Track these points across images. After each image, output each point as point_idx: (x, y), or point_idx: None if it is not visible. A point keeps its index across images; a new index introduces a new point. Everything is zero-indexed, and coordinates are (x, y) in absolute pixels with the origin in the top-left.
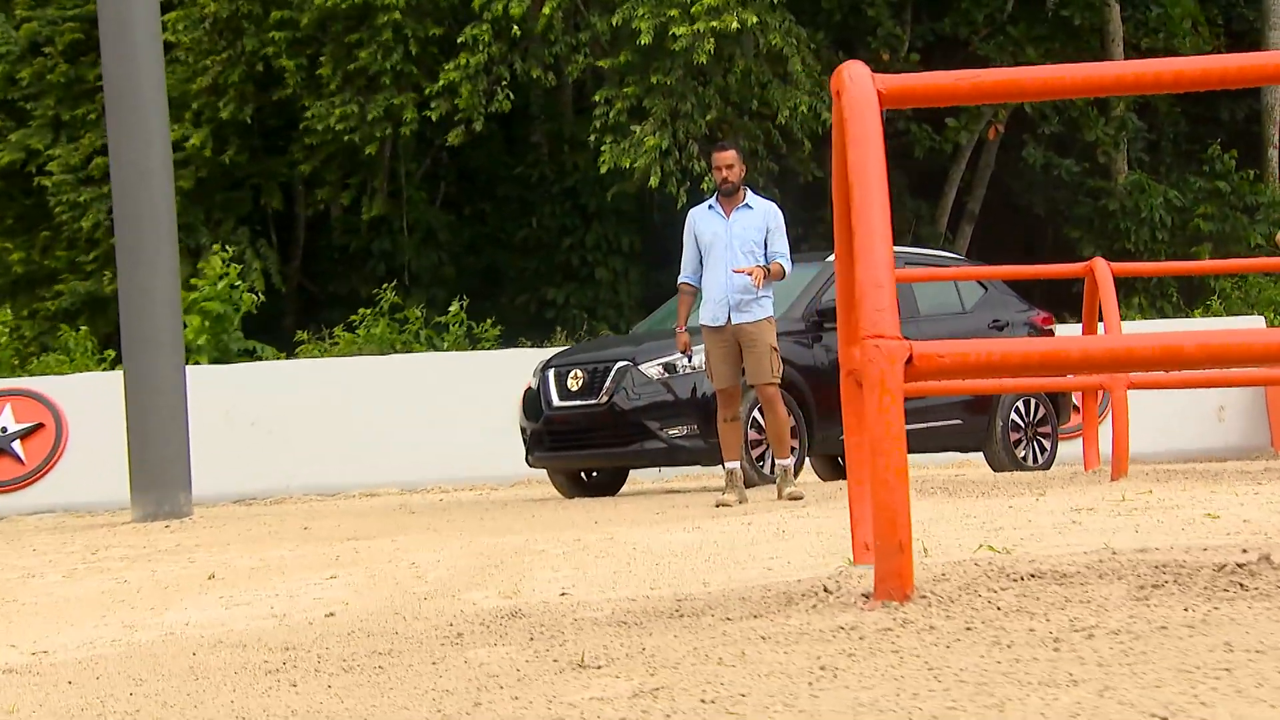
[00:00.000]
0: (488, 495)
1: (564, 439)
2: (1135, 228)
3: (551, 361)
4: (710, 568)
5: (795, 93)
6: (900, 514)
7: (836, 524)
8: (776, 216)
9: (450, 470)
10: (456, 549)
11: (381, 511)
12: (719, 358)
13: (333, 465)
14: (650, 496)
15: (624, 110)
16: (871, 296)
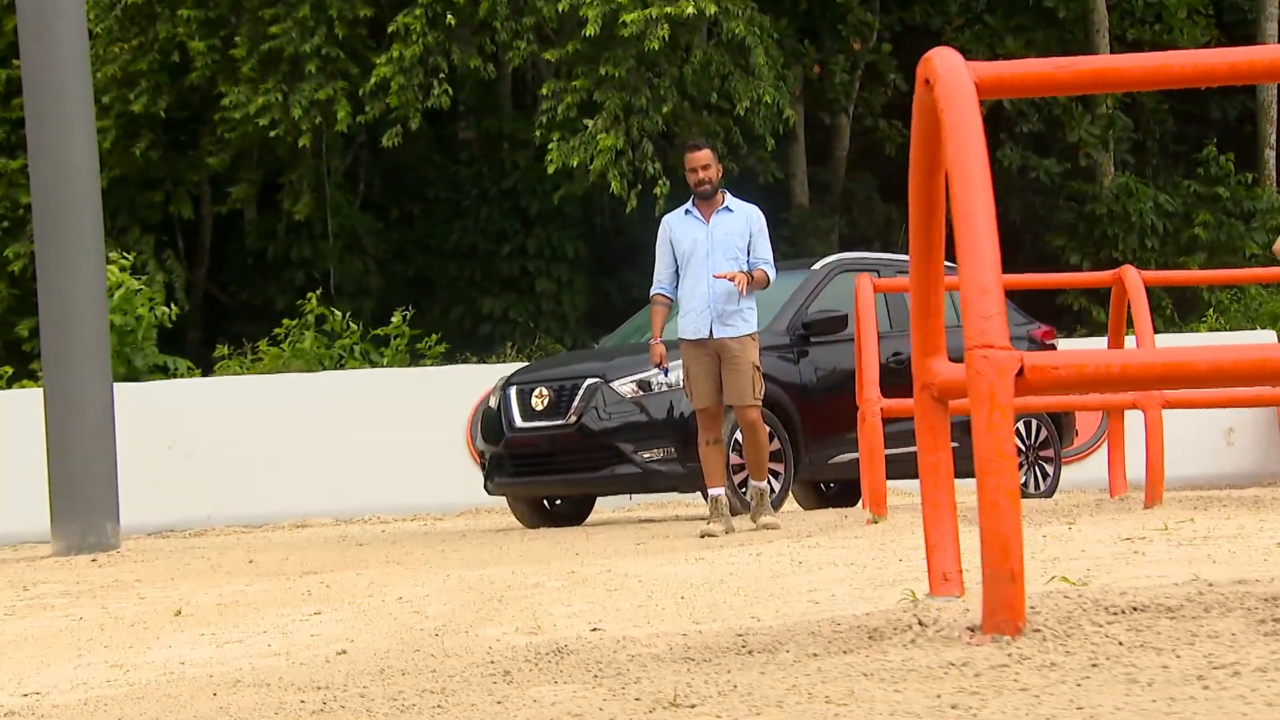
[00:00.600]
0: (434, 526)
1: (528, 463)
2: (1123, 234)
3: (513, 378)
4: (745, 602)
5: (758, 85)
6: (1013, 540)
7: (857, 554)
8: (759, 219)
9: (389, 499)
10: (440, 583)
11: (325, 544)
12: (700, 375)
13: (260, 494)
14: (622, 526)
15: (573, 105)
16: (978, 303)
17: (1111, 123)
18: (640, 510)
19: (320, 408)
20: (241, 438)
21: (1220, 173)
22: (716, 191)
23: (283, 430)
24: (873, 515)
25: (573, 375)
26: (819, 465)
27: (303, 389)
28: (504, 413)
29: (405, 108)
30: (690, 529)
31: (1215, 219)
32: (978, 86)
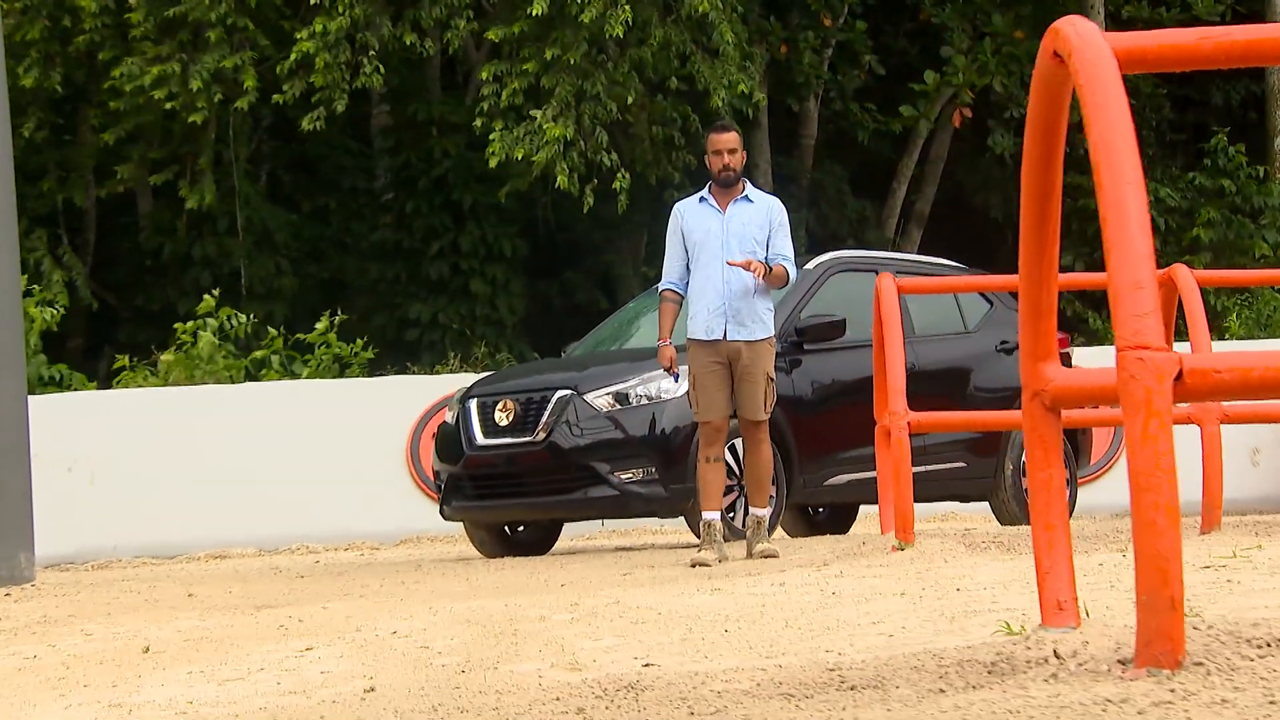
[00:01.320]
0: (373, 555)
1: (491, 485)
2: None
3: (474, 390)
4: (802, 635)
5: (725, 68)
6: (1172, 564)
7: (898, 584)
8: (781, 213)
9: (319, 526)
10: (429, 617)
11: (261, 576)
12: (709, 382)
13: (173, 521)
14: (597, 555)
15: (519, 91)
16: (1131, 299)
17: None
18: (605, 538)
19: (238, 424)
20: (149, 458)
21: (1230, 165)
22: (739, 179)
23: (196, 450)
24: (899, 542)
25: (541, 387)
26: (814, 488)
27: (217, 403)
28: (463, 428)
29: (331, 88)
30: (674, 557)
31: (1221, 216)
32: (1120, 60)
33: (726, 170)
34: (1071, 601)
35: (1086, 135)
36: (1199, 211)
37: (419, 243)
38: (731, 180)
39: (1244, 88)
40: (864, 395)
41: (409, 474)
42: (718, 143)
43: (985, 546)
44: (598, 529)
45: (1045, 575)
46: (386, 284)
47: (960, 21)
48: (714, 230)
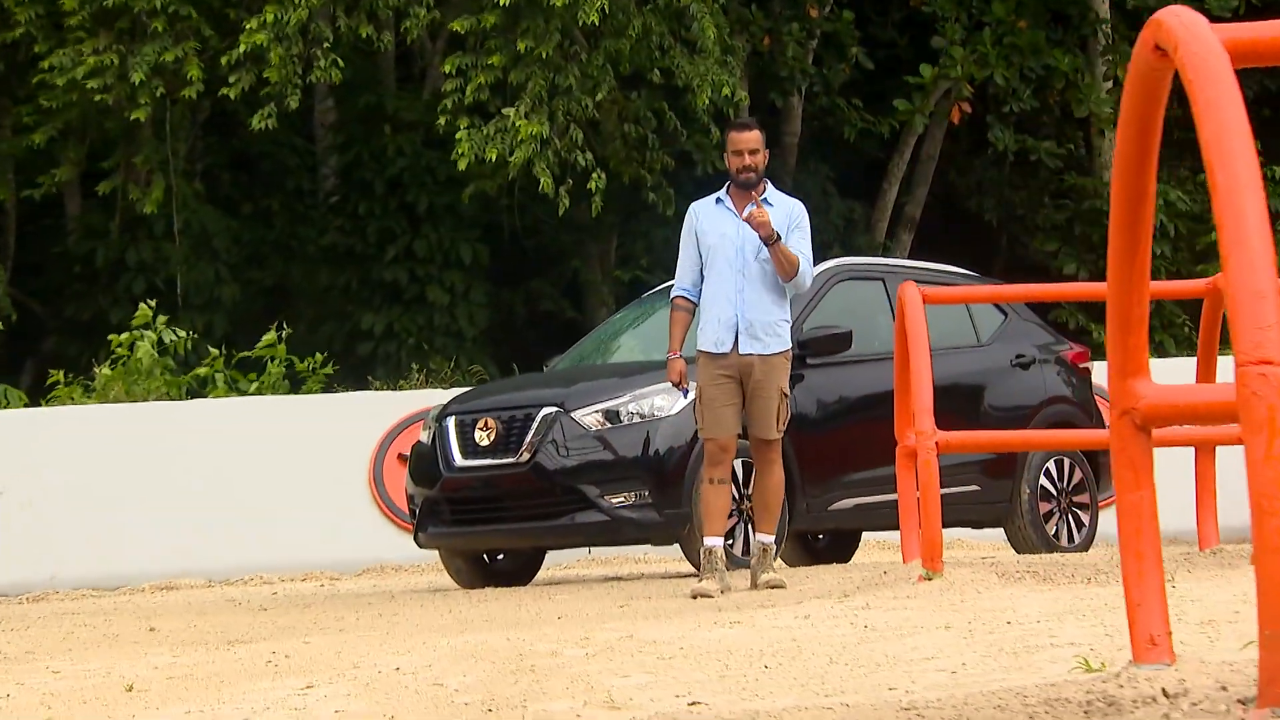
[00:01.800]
0: (333, 586)
1: (470, 509)
2: None
3: (452, 408)
4: (853, 671)
5: (706, 64)
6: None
7: (937, 616)
8: (801, 216)
9: (274, 554)
10: (429, 652)
11: (220, 608)
12: (718, 398)
13: (115, 550)
14: (585, 586)
15: (485, 86)
16: (1252, 310)
17: None
18: (585, 567)
19: (184, 445)
20: (88, 482)
21: None
22: (760, 180)
23: (139, 473)
24: (926, 572)
25: (525, 404)
26: (818, 513)
27: (161, 422)
28: (440, 449)
29: (283, 83)
30: (671, 588)
31: None
32: (1231, 53)
33: (747, 171)
34: (1165, 637)
35: (1198, 134)
36: (1212, 216)
37: (371, 248)
38: (752, 182)
39: (1257, 81)
40: (872, 413)
41: (372, 498)
42: (738, 142)
43: (1019, 577)
44: (577, 558)
45: (1136, 608)
46: (337, 292)
47: (954, 10)
48: (729, 235)
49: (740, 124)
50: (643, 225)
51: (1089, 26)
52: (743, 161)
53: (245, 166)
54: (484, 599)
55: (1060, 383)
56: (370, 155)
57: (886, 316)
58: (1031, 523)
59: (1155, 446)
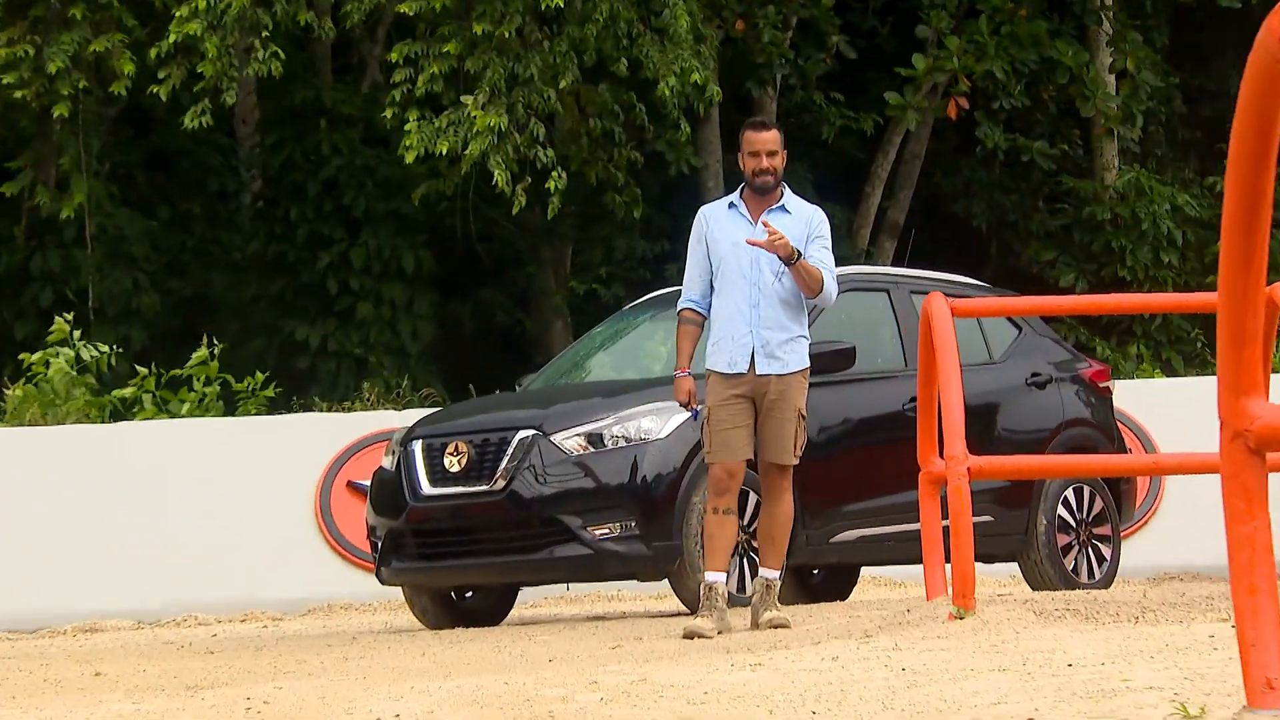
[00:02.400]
0: (276, 627)
1: (439, 542)
2: (1132, 247)
3: (418, 431)
4: (911, 717)
5: (677, 52)
6: None
7: (980, 658)
8: (822, 224)
9: (207, 592)
10: (427, 697)
11: (162, 651)
12: (728, 419)
13: (33, 588)
14: (567, 625)
15: (438, 76)
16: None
17: (1135, 92)
18: (553, 605)
19: (108, 472)
20: (1, 515)
21: None
22: (778, 185)
23: (58, 503)
24: (958, 609)
25: (499, 426)
26: (819, 545)
27: (83, 447)
28: (405, 476)
29: (219, 77)
30: (661, 628)
31: None
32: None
33: (764, 175)
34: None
35: None
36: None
37: (304, 255)
38: (769, 186)
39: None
40: (877, 436)
41: (318, 531)
42: (755, 142)
43: (1060, 615)
44: (544, 595)
45: (1250, 648)
46: (265, 304)
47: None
48: (742, 243)
49: (757, 123)
50: (602, 231)
51: (1091, 15)
52: (760, 164)
53: (163, 166)
54: (456, 640)
55: (1079, 404)
56: (303, 154)
57: (891, 331)
58: (1048, 556)
59: (1270, 471)
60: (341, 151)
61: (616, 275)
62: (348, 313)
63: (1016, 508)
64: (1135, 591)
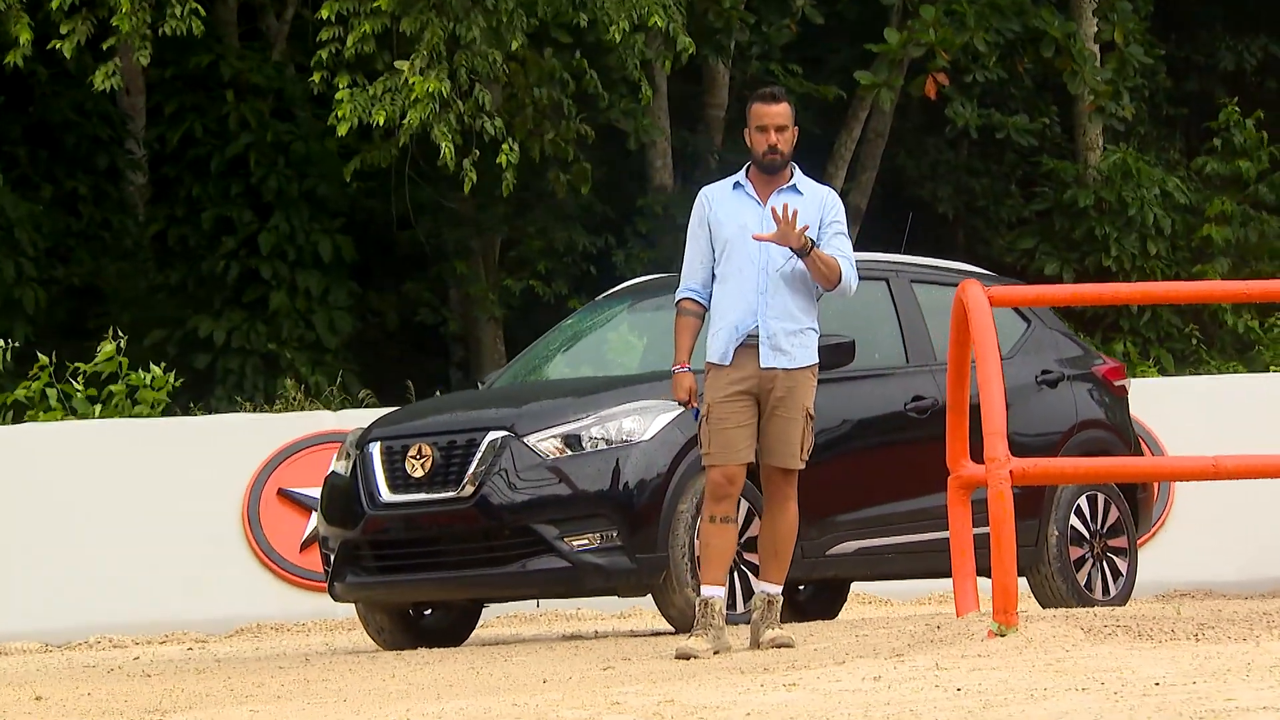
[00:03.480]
0: (203, 649)
1: (399, 554)
2: (1117, 235)
3: (376, 432)
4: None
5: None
6: None
7: (1040, 678)
8: (836, 207)
9: (122, 612)
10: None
11: (88, 675)
12: (730, 417)
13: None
14: (545, 645)
15: (370, 36)
16: None
17: (1125, 66)
18: (507, 624)
19: (7, 480)
20: None
21: (1246, 144)
22: (787, 164)
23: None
24: (998, 626)
25: (467, 427)
26: (815, 558)
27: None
28: (362, 482)
29: (133, 34)
30: (649, 647)
31: (1239, 211)
32: None
33: (773, 152)
34: None
35: None
36: (1210, 205)
37: (204, 240)
38: (778, 165)
39: (1261, 48)
40: (877, 439)
41: (245, 544)
42: (764, 115)
43: (1109, 632)
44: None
45: None
46: (164, 294)
47: None
48: (750, 227)
49: (766, 94)
50: (537, 222)
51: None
52: (769, 140)
53: (44, 141)
54: (424, 661)
55: (1093, 404)
56: (205, 129)
57: (891, 323)
58: (1060, 570)
59: None
60: (250, 126)
61: (557, 270)
62: (256, 304)
63: (1026, 517)
64: (1167, 608)
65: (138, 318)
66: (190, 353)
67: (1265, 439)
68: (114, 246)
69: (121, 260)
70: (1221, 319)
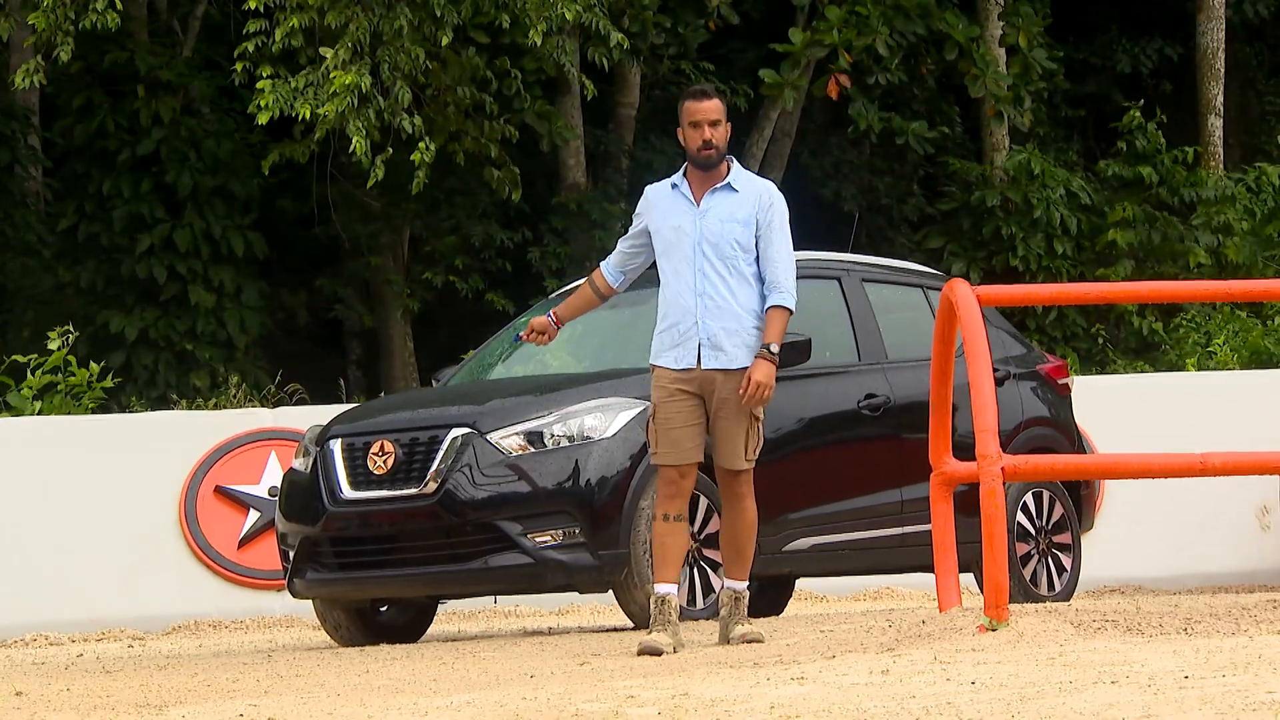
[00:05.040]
0: (142, 647)
1: (360, 551)
2: (1024, 235)
3: (336, 429)
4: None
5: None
6: None
7: (1048, 671)
8: (773, 205)
9: (59, 609)
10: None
11: (43, 672)
12: (675, 417)
13: None
14: (509, 641)
15: (298, 30)
16: None
17: (1028, 71)
18: (459, 620)
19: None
20: None
21: (1149, 148)
22: (723, 160)
23: None
24: (990, 621)
25: (430, 424)
26: (770, 555)
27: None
28: (323, 478)
29: (53, 30)
30: (614, 643)
31: (1143, 213)
32: None
33: (708, 149)
34: None
35: None
36: (1113, 208)
37: (117, 237)
38: (714, 161)
39: (1156, 50)
40: (831, 436)
41: (183, 541)
42: (696, 112)
43: (1098, 626)
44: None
45: None
46: (74, 289)
47: None
48: (684, 228)
49: (697, 91)
50: (450, 219)
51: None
52: (702, 136)
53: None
54: (392, 657)
55: (1038, 402)
56: (116, 124)
57: (843, 322)
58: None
59: None
60: (163, 119)
61: (473, 266)
62: (169, 301)
63: (974, 514)
64: (1128, 604)
65: (44, 315)
66: (102, 350)
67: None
68: (16, 244)
69: (27, 257)
70: (1128, 319)
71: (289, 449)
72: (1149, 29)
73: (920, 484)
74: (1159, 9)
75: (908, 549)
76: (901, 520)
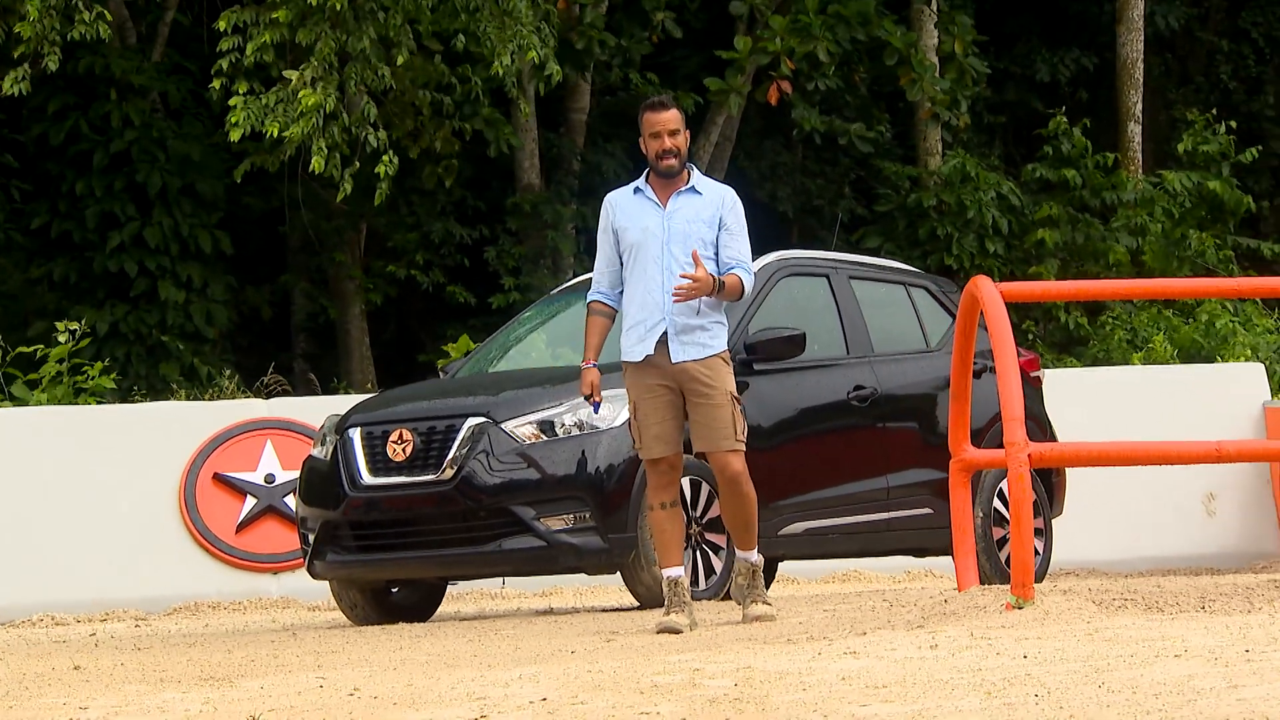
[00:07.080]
0: (147, 626)
1: (379, 534)
2: (958, 235)
3: (356, 418)
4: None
5: (516, 29)
6: None
7: (1092, 646)
8: (735, 206)
9: (64, 591)
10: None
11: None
12: (652, 412)
13: None
14: (524, 621)
15: (269, 45)
16: None
17: (962, 77)
18: (463, 600)
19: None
20: None
21: (1073, 153)
22: (684, 167)
23: None
24: (1016, 599)
25: (447, 413)
26: (765, 539)
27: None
28: (343, 465)
29: (39, 40)
30: (630, 621)
31: (1067, 214)
32: None
33: (667, 156)
34: None
35: None
36: (1039, 208)
37: (89, 235)
38: (675, 169)
39: (1074, 60)
40: (823, 425)
41: (182, 526)
42: (655, 123)
43: (1120, 604)
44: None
45: None
46: (47, 285)
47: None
48: (652, 229)
49: (656, 103)
50: (414, 214)
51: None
52: (662, 145)
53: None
54: (416, 635)
55: None
56: (90, 126)
57: (832, 317)
58: (984, 549)
59: None
60: (134, 122)
61: (433, 262)
62: (139, 297)
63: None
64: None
65: (20, 310)
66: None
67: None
68: None
69: (4, 253)
70: (1055, 315)
71: (283, 438)
72: (1067, 40)
73: (905, 471)
74: (1077, 20)
75: (893, 533)
76: (888, 505)
